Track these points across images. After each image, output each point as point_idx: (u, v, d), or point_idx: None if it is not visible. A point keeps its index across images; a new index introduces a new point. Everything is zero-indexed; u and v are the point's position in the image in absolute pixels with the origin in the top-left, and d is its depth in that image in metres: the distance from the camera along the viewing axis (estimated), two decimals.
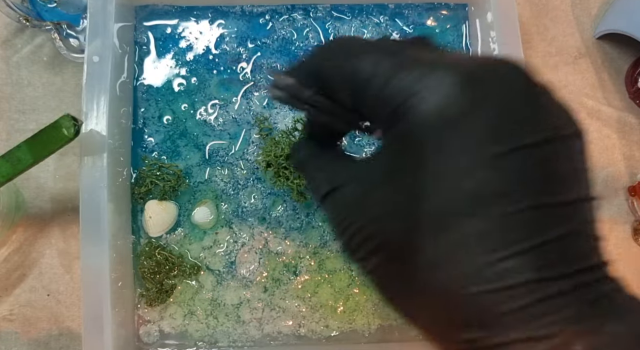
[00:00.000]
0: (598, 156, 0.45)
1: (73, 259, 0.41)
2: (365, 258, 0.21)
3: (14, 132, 0.42)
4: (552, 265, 0.17)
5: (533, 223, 0.17)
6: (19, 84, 0.43)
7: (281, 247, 0.39)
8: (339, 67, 0.22)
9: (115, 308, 0.35)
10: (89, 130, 0.35)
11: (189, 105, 0.40)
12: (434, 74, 0.18)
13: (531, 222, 0.17)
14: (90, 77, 0.36)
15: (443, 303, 0.18)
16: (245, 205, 0.39)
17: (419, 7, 0.42)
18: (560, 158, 0.18)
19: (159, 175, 0.39)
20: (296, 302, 0.39)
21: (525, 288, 0.17)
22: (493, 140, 0.17)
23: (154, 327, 0.38)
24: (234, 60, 0.40)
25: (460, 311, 0.18)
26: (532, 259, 0.17)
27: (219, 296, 0.39)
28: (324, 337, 0.39)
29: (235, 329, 0.38)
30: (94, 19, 0.36)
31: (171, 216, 0.38)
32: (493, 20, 0.39)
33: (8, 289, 0.40)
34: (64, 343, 0.40)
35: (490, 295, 0.17)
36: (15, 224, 0.41)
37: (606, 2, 0.47)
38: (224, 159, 0.40)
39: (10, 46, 0.43)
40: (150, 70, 0.41)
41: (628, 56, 0.46)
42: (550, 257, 0.17)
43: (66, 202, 0.42)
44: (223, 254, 0.39)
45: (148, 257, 0.38)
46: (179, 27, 0.41)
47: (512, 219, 0.17)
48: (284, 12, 0.42)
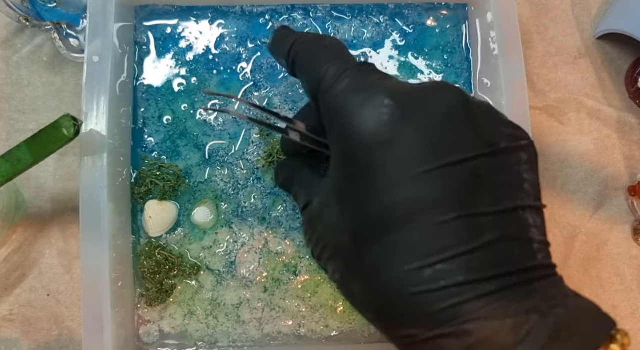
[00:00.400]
0: (598, 156, 0.45)
1: (73, 259, 0.41)
2: (326, 264, 0.24)
3: (14, 132, 0.42)
4: (483, 268, 0.19)
5: (464, 230, 0.19)
6: (19, 84, 0.43)
7: (281, 247, 0.39)
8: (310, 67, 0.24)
9: (115, 308, 0.35)
10: (89, 130, 0.35)
11: (189, 105, 0.40)
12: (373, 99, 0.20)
13: (462, 229, 0.19)
14: (90, 77, 0.36)
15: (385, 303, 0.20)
16: (245, 205, 0.39)
17: (419, 7, 0.42)
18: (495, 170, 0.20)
19: (159, 175, 0.39)
20: (296, 302, 0.39)
21: (456, 289, 0.18)
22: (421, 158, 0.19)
23: (154, 327, 0.38)
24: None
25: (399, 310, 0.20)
26: (464, 263, 0.18)
27: (219, 296, 0.39)
28: (324, 337, 0.39)
29: (235, 329, 0.38)
30: (94, 19, 0.36)
31: (171, 216, 0.38)
32: (493, 20, 0.39)
33: (8, 289, 0.40)
34: (64, 343, 0.40)
35: (423, 296, 0.19)
36: (15, 224, 0.41)
37: (606, 2, 0.47)
38: (224, 159, 0.40)
39: (10, 46, 0.43)
40: (150, 70, 0.41)
41: (628, 56, 0.46)
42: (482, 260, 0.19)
43: (66, 202, 0.42)
44: (223, 254, 0.39)
45: (148, 257, 0.38)
46: (179, 27, 0.41)
47: (442, 228, 0.19)
48: (284, 12, 0.42)
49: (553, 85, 0.46)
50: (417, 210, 0.19)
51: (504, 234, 0.19)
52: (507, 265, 0.19)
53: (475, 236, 0.19)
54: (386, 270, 0.19)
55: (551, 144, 0.45)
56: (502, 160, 0.20)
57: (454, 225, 0.19)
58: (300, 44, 0.25)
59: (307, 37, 0.25)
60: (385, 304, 0.20)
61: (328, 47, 0.24)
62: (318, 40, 0.25)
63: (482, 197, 0.19)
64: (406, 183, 0.19)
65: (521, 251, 0.19)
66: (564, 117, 0.45)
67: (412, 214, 0.19)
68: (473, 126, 0.20)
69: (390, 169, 0.19)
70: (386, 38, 0.42)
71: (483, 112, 0.21)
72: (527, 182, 0.21)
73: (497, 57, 0.38)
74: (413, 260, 0.19)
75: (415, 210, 0.19)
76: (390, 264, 0.19)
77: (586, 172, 0.45)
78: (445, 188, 0.19)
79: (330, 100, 0.22)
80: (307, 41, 0.25)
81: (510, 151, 0.20)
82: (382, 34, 0.42)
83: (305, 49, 0.25)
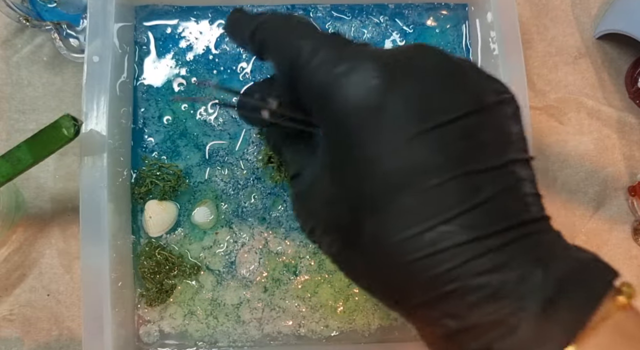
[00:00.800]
0: (598, 156, 0.45)
1: (73, 259, 0.41)
2: (320, 239, 0.23)
3: (14, 132, 0.42)
4: (483, 225, 0.18)
5: (460, 190, 0.19)
6: (19, 84, 0.43)
7: (281, 247, 0.39)
8: (282, 45, 0.23)
9: (115, 308, 0.35)
10: (89, 130, 0.35)
11: (189, 105, 0.40)
12: (358, 67, 0.20)
13: (458, 190, 0.19)
14: (90, 77, 0.36)
15: (388, 273, 0.20)
16: (245, 205, 0.39)
17: (419, 7, 0.42)
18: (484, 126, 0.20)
19: (159, 175, 0.39)
20: (296, 302, 0.39)
21: (459, 249, 0.18)
22: (412, 121, 0.19)
23: (154, 327, 0.38)
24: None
25: (403, 278, 0.19)
26: (463, 222, 0.18)
27: (219, 296, 0.39)
28: (324, 337, 0.39)
29: (235, 329, 0.38)
30: (94, 19, 0.36)
31: (171, 216, 0.38)
32: (493, 20, 0.39)
33: (8, 289, 0.40)
34: (64, 343, 0.40)
35: (427, 260, 0.18)
36: (15, 224, 0.41)
37: (606, 2, 0.47)
38: (224, 159, 0.40)
39: (10, 46, 0.43)
40: (150, 70, 0.41)
41: (628, 56, 0.46)
42: (481, 218, 0.19)
43: (66, 202, 0.42)
44: (223, 254, 0.39)
45: (148, 257, 0.38)
46: (179, 27, 0.41)
47: (439, 190, 0.19)
48: (284, 12, 0.42)
49: (553, 85, 0.46)
50: (412, 174, 0.19)
51: (499, 189, 0.19)
52: (506, 220, 0.19)
53: (472, 194, 0.19)
54: (386, 239, 0.19)
55: (551, 144, 0.45)
56: (489, 116, 0.20)
57: (450, 185, 0.19)
58: (267, 26, 0.25)
59: (273, 19, 0.25)
60: (388, 274, 0.20)
61: (298, 25, 0.23)
62: (287, 20, 0.24)
63: (475, 154, 0.19)
64: (400, 148, 0.19)
65: (518, 205, 0.19)
66: (564, 117, 0.45)
67: (407, 179, 0.19)
68: (459, 84, 0.20)
69: (381, 136, 0.19)
70: (386, 38, 0.42)
71: (466, 68, 0.21)
72: (515, 135, 0.21)
73: (497, 57, 0.38)
74: (412, 226, 0.19)
75: (411, 175, 0.19)
76: (389, 232, 0.19)
77: (586, 172, 0.45)
78: (439, 149, 0.19)
79: (311, 75, 0.21)
80: (275, 22, 0.24)
81: (497, 106, 0.20)
82: (382, 34, 0.42)
83: (273, 29, 0.24)
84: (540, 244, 0.19)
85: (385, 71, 0.20)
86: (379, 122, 0.19)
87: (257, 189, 0.40)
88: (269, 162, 0.38)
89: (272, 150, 0.31)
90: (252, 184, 0.40)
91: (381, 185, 0.19)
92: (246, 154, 0.40)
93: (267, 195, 0.39)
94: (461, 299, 0.18)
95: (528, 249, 0.19)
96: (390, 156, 0.19)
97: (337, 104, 0.20)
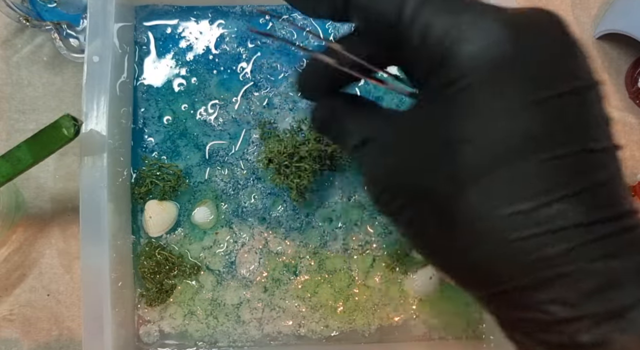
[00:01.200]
0: None
1: (73, 259, 0.41)
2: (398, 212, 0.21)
3: (14, 132, 0.42)
4: (602, 207, 0.17)
5: (576, 167, 0.17)
6: (19, 84, 0.43)
7: (281, 247, 0.39)
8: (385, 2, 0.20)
9: (115, 308, 0.35)
10: (89, 130, 0.35)
11: (189, 105, 0.40)
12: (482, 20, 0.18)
13: (574, 167, 0.17)
14: (90, 77, 0.36)
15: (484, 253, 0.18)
16: (245, 205, 0.39)
17: None
18: (596, 104, 0.18)
19: (159, 175, 0.39)
20: (296, 302, 0.39)
21: (576, 230, 0.17)
22: (534, 87, 0.17)
23: (154, 327, 0.38)
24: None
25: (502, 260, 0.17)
26: (580, 202, 0.17)
27: (219, 296, 0.39)
28: (324, 337, 0.39)
29: (235, 329, 0.38)
30: (94, 19, 0.36)
31: (171, 216, 0.38)
32: None
33: (8, 289, 0.40)
34: (64, 343, 0.40)
35: (538, 239, 0.17)
36: (15, 224, 0.41)
37: (606, 2, 0.47)
38: (224, 159, 0.40)
39: (10, 46, 0.43)
40: (150, 70, 0.41)
41: (628, 56, 0.46)
42: (600, 200, 0.17)
43: (66, 202, 0.42)
44: (223, 254, 0.39)
45: (148, 257, 0.38)
46: (179, 27, 0.41)
47: (555, 164, 0.17)
48: (284, 12, 0.42)
49: None
50: (529, 142, 0.17)
51: (612, 173, 0.18)
52: (619, 206, 0.17)
53: (590, 174, 0.17)
54: (488, 215, 0.17)
55: None
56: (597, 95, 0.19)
57: (569, 160, 0.17)
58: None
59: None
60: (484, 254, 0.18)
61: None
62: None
63: (590, 131, 0.18)
64: (520, 112, 0.17)
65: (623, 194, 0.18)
66: None
67: (524, 146, 0.17)
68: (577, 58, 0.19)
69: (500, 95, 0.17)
70: None
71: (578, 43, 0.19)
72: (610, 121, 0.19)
73: None
74: (520, 202, 0.17)
75: (527, 143, 0.17)
76: (492, 208, 0.17)
77: None
78: (559, 120, 0.17)
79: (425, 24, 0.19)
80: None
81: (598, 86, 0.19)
82: None
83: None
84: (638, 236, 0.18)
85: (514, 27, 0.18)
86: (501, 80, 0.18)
87: (257, 189, 0.40)
88: (270, 163, 0.38)
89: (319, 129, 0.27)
90: (252, 184, 0.40)
91: (491, 151, 0.17)
92: (246, 154, 0.40)
93: (267, 195, 0.39)
94: (574, 285, 0.17)
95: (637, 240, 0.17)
96: (506, 120, 0.17)
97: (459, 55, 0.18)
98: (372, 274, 0.39)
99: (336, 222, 0.40)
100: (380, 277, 0.39)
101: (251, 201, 0.39)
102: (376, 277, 0.39)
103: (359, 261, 0.39)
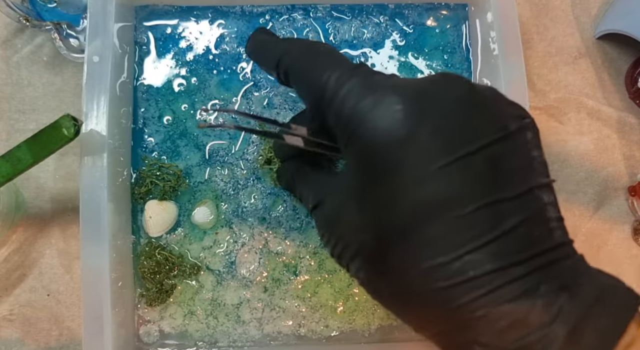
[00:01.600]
0: (598, 156, 0.45)
1: (73, 259, 0.41)
2: (348, 263, 0.23)
3: (14, 132, 0.42)
4: (510, 253, 0.19)
5: (487, 219, 0.19)
6: (19, 84, 0.43)
7: (281, 247, 0.39)
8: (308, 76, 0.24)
9: (115, 308, 0.35)
10: (89, 130, 0.35)
11: (189, 105, 0.40)
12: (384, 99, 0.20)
13: (485, 219, 0.19)
14: (90, 77, 0.36)
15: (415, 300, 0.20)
16: (245, 205, 0.39)
17: (419, 7, 0.42)
18: (509, 153, 0.20)
19: (159, 175, 0.39)
20: (296, 302, 0.39)
21: (487, 277, 0.18)
22: (438, 152, 0.19)
23: (154, 327, 0.38)
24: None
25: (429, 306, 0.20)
26: (490, 251, 0.19)
27: (219, 296, 0.39)
28: (324, 337, 0.39)
29: (235, 329, 0.38)
30: (94, 19, 0.36)
31: (171, 216, 0.38)
32: (493, 20, 0.39)
33: (8, 289, 0.40)
34: (64, 343, 0.40)
35: (454, 289, 0.19)
36: (15, 224, 0.41)
37: (606, 2, 0.47)
38: (224, 159, 0.40)
39: (10, 46, 0.43)
40: (150, 70, 0.41)
41: (628, 56, 0.46)
42: (508, 246, 0.19)
43: (66, 202, 0.42)
44: (223, 254, 0.39)
45: (148, 257, 0.38)
46: (179, 27, 0.41)
47: (466, 219, 0.19)
48: (284, 12, 0.42)
49: (553, 85, 0.46)
50: (439, 205, 0.19)
51: (525, 216, 0.19)
52: (532, 247, 0.19)
53: (499, 223, 0.19)
54: (413, 268, 0.19)
55: (551, 144, 0.45)
56: (513, 143, 0.20)
57: (477, 215, 0.19)
58: (293, 55, 0.25)
59: (298, 47, 0.25)
60: (415, 301, 0.20)
61: (323, 54, 0.24)
62: (311, 49, 0.25)
63: (501, 182, 0.19)
64: (427, 179, 0.19)
65: (543, 231, 0.20)
66: (564, 117, 0.45)
67: (434, 209, 0.19)
68: (483, 113, 0.20)
69: (408, 167, 0.19)
70: (386, 38, 0.42)
71: (489, 96, 0.21)
72: (536, 160, 0.21)
73: (497, 57, 0.38)
74: (439, 255, 0.19)
75: (438, 206, 0.19)
76: (416, 260, 0.19)
77: (586, 172, 0.45)
78: (465, 179, 0.19)
79: (338, 107, 0.22)
80: (299, 51, 0.25)
81: (519, 132, 0.20)
82: (382, 34, 0.42)
83: (299, 59, 0.25)
84: (565, 269, 0.19)
85: (411, 103, 0.20)
86: (406, 153, 0.19)
87: (257, 189, 0.40)
88: (268, 163, 0.38)
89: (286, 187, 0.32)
90: (252, 184, 0.40)
91: (408, 214, 0.19)
92: (246, 154, 0.40)
93: (267, 195, 0.39)
94: (488, 326, 0.18)
95: (553, 276, 0.19)
96: (417, 186, 0.19)
97: (364, 135, 0.20)
98: None
99: None
100: None
101: (251, 201, 0.39)
102: None
103: None
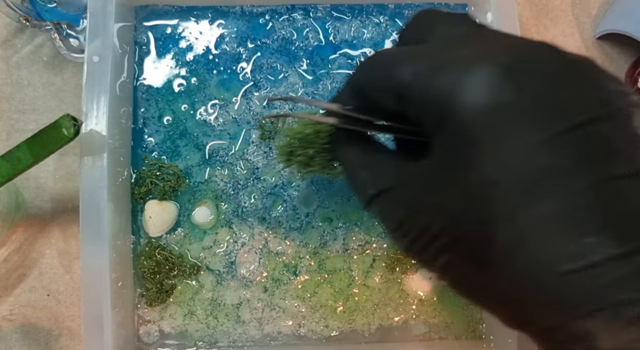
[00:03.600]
0: None
1: (73, 259, 0.41)
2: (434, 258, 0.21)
3: (14, 132, 0.42)
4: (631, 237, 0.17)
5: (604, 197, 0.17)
6: (19, 84, 0.43)
7: (281, 247, 0.39)
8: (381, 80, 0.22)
9: (115, 308, 0.35)
10: (89, 130, 0.35)
11: (189, 106, 0.40)
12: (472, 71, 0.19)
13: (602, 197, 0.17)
14: (90, 77, 0.36)
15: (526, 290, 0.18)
16: (245, 205, 0.39)
17: (419, 7, 0.42)
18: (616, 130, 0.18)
19: (159, 175, 0.39)
20: (296, 302, 0.39)
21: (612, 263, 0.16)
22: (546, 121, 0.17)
23: (154, 327, 0.38)
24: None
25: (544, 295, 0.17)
26: (612, 233, 0.17)
27: (219, 296, 0.39)
28: (324, 337, 0.39)
29: (235, 329, 0.38)
30: (94, 19, 0.36)
31: (171, 216, 0.38)
32: (493, 20, 0.39)
33: (8, 289, 0.40)
34: (64, 343, 0.40)
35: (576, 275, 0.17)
36: (15, 224, 0.41)
37: (606, 2, 0.47)
38: (224, 159, 0.40)
39: (10, 46, 0.43)
40: (150, 70, 0.41)
41: (628, 56, 0.46)
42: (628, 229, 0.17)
43: (66, 202, 0.42)
44: (223, 254, 0.39)
45: (148, 257, 0.38)
46: (179, 27, 0.41)
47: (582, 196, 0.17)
48: (284, 12, 0.42)
49: None
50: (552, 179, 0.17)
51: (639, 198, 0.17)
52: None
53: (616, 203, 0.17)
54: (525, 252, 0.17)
55: None
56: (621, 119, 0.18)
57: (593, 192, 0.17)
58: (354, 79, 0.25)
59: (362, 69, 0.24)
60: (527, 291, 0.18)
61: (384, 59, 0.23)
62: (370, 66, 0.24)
63: (614, 158, 0.18)
64: (535, 150, 0.17)
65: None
66: None
67: (546, 184, 0.17)
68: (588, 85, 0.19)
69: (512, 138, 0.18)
70: (386, 38, 0.42)
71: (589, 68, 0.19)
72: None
73: None
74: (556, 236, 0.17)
75: (550, 180, 0.17)
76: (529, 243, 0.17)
77: None
78: (579, 151, 0.17)
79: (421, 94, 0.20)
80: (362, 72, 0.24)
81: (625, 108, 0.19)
82: (382, 34, 0.42)
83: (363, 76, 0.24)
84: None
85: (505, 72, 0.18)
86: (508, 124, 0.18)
87: (257, 189, 0.40)
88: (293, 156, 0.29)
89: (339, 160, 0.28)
90: (252, 184, 0.40)
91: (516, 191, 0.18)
92: (246, 154, 0.40)
93: (267, 195, 0.39)
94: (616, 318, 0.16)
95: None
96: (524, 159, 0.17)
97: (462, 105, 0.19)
98: (372, 274, 0.39)
99: (336, 222, 0.40)
100: (380, 277, 0.39)
101: (251, 201, 0.39)
102: (376, 277, 0.39)
103: (359, 261, 0.39)
